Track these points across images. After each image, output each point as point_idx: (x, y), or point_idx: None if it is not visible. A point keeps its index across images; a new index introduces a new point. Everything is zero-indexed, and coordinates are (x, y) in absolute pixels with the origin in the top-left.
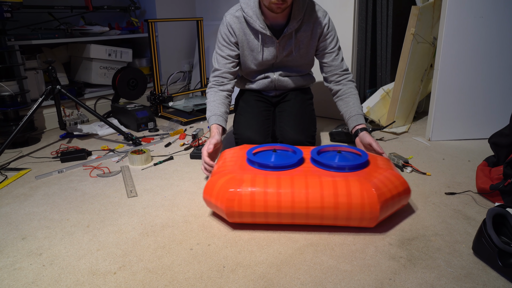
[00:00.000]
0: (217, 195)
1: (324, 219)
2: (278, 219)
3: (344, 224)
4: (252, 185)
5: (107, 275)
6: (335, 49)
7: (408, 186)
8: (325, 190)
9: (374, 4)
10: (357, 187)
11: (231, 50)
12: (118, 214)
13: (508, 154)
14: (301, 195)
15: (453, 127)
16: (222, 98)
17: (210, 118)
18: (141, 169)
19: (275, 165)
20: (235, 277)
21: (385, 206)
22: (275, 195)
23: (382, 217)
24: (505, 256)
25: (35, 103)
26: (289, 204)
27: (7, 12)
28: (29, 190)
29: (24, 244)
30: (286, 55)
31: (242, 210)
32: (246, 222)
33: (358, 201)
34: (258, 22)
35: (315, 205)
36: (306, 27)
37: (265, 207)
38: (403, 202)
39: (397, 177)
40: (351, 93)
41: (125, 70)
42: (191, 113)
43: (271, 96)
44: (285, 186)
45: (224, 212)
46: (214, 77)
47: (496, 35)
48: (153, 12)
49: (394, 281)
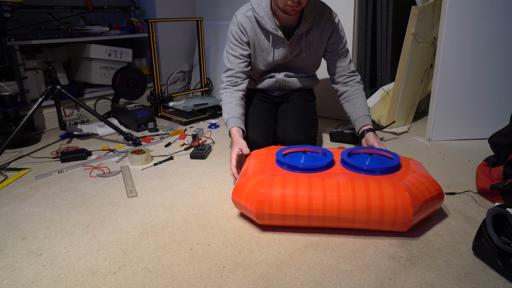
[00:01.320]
0: (247, 197)
1: (355, 222)
2: (309, 222)
3: (376, 228)
4: (283, 187)
5: (107, 275)
6: (344, 51)
7: (441, 189)
8: (358, 193)
9: (374, 4)
10: (390, 191)
11: (243, 49)
12: (118, 214)
13: (508, 154)
14: (333, 198)
15: (453, 127)
16: (238, 99)
17: (228, 120)
18: (141, 169)
19: (305, 167)
20: (235, 277)
21: (418, 210)
22: (306, 197)
23: (415, 221)
24: (505, 256)
25: (35, 103)
26: (321, 206)
27: (7, 12)
28: (29, 190)
29: (24, 244)
30: (295, 56)
31: (273, 212)
32: (275, 224)
33: (391, 205)
34: (270, 23)
35: (347, 208)
36: (316, 28)
37: (296, 210)
38: (436, 206)
39: (430, 180)
40: (358, 94)
41: (125, 70)
42: (191, 113)
43: (274, 96)
44: (317, 188)
45: (254, 214)
46: (227, 77)
47: (496, 35)
48: (153, 12)
49: (394, 281)
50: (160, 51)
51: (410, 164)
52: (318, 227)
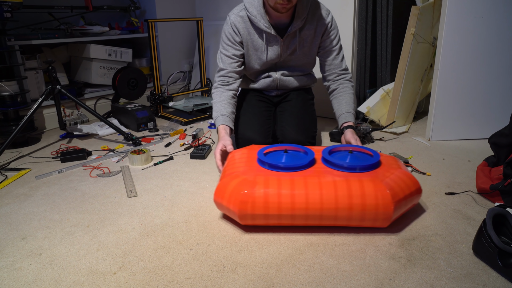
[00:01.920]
0: (229, 198)
1: (338, 220)
2: (292, 221)
3: (358, 225)
4: (266, 186)
5: (107, 275)
6: (336, 48)
7: (420, 185)
8: (340, 191)
9: (374, 4)
10: (371, 188)
11: (236, 49)
12: (118, 214)
13: (508, 154)
14: (315, 197)
15: (453, 127)
16: (228, 98)
17: (217, 118)
18: (141, 169)
19: (286, 166)
20: (235, 277)
21: (398, 206)
22: (289, 196)
23: (395, 216)
24: (505, 256)
25: (35, 103)
26: (303, 205)
27: (7, 12)
28: (29, 190)
29: (24, 244)
30: (289, 54)
31: (256, 213)
32: (258, 224)
33: (373, 202)
34: (263, 21)
35: (330, 206)
36: (309, 25)
37: (279, 209)
38: (415, 201)
39: (409, 176)
40: (346, 92)
41: (125, 70)
42: (191, 113)
43: (272, 96)
44: (299, 187)
45: (237, 215)
46: (219, 77)
47: (496, 35)
48: (153, 12)
49: (394, 281)
50: (160, 51)
51: (389, 161)
52: (314, 226)
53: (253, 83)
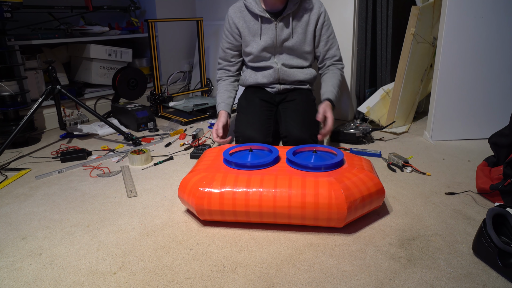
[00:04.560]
0: (189, 193)
1: (291, 218)
2: (247, 218)
3: (312, 224)
4: (222, 184)
5: (107, 275)
6: (330, 38)
7: (382, 187)
8: (293, 190)
9: (374, 4)
10: (325, 188)
11: (233, 41)
12: (118, 214)
13: (508, 154)
14: (269, 194)
15: (453, 127)
16: (227, 85)
17: (218, 105)
18: (141, 169)
19: (250, 164)
20: (235, 277)
21: (353, 207)
22: (243, 194)
23: (350, 218)
24: (505, 256)
25: (35, 103)
26: (257, 203)
27: (7, 12)
28: (29, 190)
29: (24, 244)
30: (285, 39)
31: (212, 208)
32: (216, 220)
33: (326, 201)
34: (257, 6)
35: (282, 205)
36: (302, 12)
37: (233, 206)
38: (376, 204)
39: (371, 177)
40: (333, 75)
41: (125, 70)
42: (191, 113)
43: (274, 93)
44: (254, 185)
45: (195, 210)
46: (219, 69)
47: (496, 35)
48: (153, 12)
49: (394, 281)
50: (160, 51)
51: (355, 161)
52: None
53: (255, 75)
